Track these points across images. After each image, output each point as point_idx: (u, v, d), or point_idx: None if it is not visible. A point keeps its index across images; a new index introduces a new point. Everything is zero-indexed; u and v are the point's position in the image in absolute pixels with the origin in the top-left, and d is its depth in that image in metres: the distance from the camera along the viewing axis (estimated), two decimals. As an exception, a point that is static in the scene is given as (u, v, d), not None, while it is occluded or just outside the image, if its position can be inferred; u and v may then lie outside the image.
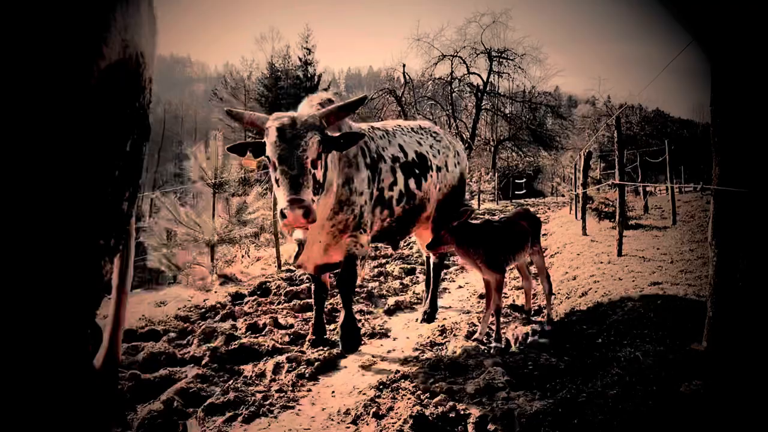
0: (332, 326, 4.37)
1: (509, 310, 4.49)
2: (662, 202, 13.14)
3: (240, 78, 34.78)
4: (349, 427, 2.64)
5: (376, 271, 6.76)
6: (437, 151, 4.53)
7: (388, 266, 7.10)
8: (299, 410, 2.91)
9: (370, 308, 5.11)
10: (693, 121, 30.66)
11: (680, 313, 3.31)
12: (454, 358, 3.38)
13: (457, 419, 2.49)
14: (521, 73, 28.01)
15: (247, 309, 5.10)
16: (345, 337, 3.79)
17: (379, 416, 2.66)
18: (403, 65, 27.54)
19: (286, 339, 4.07)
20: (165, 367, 3.44)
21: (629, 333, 3.15)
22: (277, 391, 3.12)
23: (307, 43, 34.55)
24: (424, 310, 4.65)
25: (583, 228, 8.65)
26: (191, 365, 3.51)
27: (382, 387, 3.00)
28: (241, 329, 4.35)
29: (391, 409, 2.70)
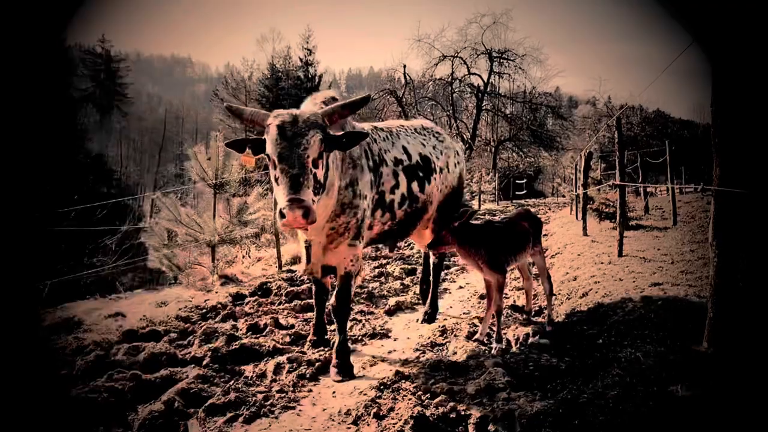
0: (332, 327, 4.37)
1: (510, 311, 4.49)
2: (663, 202, 13.13)
3: (241, 78, 34.81)
4: (350, 428, 2.65)
5: (377, 271, 6.76)
6: (440, 152, 4.48)
7: (388, 267, 7.10)
8: (300, 411, 2.91)
9: (371, 309, 5.11)
10: (694, 122, 30.61)
11: (681, 314, 3.31)
12: (454, 359, 3.38)
13: (458, 420, 2.50)
14: (522, 74, 28.01)
15: (247, 309, 5.11)
16: (340, 364, 3.46)
17: (379, 417, 2.66)
18: (404, 66, 27.54)
19: (287, 339, 4.07)
20: (166, 367, 3.45)
21: (630, 334, 3.15)
22: (278, 392, 3.13)
23: (307, 43, 34.60)
24: (425, 311, 4.65)
25: (584, 228, 8.65)
26: (192, 366, 3.52)
27: (382, 387, 3.00)
28: (241, 330, 4.36)
29: (392, 409, 2.70)
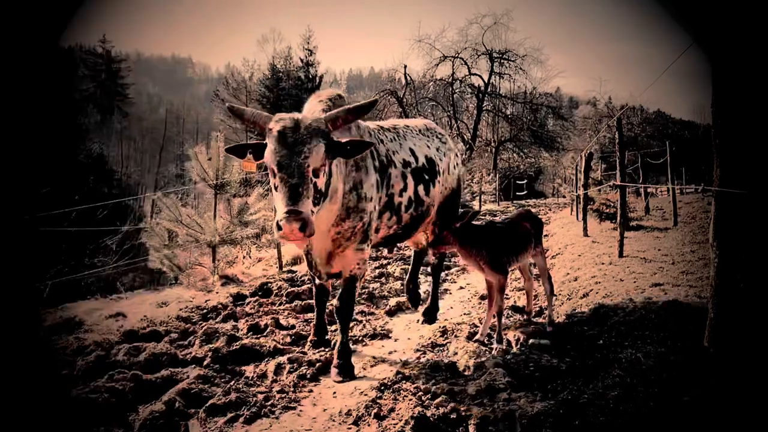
0: (333, 327, 4.37)
1: (511, 311, 4.49)
2: (663, 203, 13.13)
3: (241, 79, 34.90)
4: (350, 428, 2.65)
5: (377, 272, 6.76)
6: (443, 154, 4.43)
7: (389, 267, 7.10)
8: (300, 411, 2.91)
9: (372, 309, 5.11)
10: (694, 123, 30.64)
11: (681, 315, 3.31)
12: (455, 360, 3.38)
13: (459, 420, 2.50)
14: (522, 75, 28.02)
15: (248, 310, 5.11)
16: (341, 364, 3.42)
17: (380, 417, 2.66)
18: (405, 66, 27.55)
19: (288, 340, 4.08)
20: (167, 367, 3.45)
21: (630, 334, 3.15)
22: (279, 392, 3.13)
23: (308, 44, 34.71)
24: (425, 311, 4.64)
25: (584, 229, 8.65)
26: (193, 366, 3.52)
27: (383, 388, 3.00)
28: (242, 330, 4.36)
29: (393, 410, 2.70)
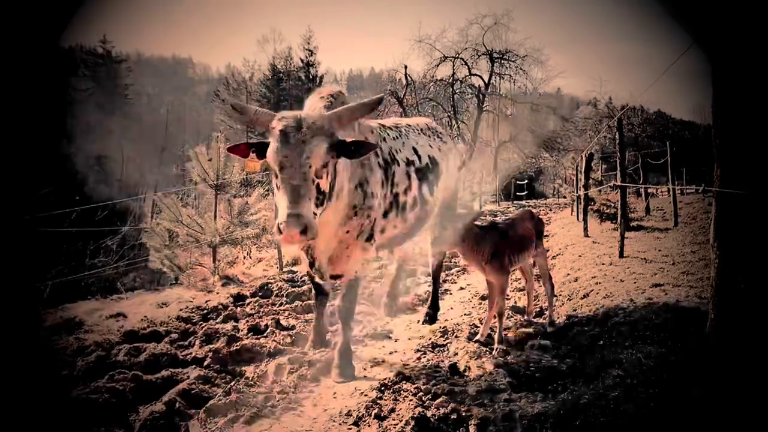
0: (333, 328, 4.37)
1: (511, 312, 4.49)
2: (664, 203, 13.12)
3: (242, 79, 34.91)
4: (350, 429, 2.64)
5: (378, 272, 6.76)
6: (444, 154, 4.39)
7: (390, 267, 7.09)
8: (301, 411, 2.91)
9: (372, 310, 5.11)
10: (694, 123, 30.59)
11: (682, 315, 3.31)
12: (455, 360, 3.38)
13: (459, 421, 2.49)
14: (523, 75, 27.99)
15: (248, 310, 5.11)
16: (341, 365, 3.39)
17: (380, 418, 2.66)
18: (405, 67, 27.48)
19: (288, 340, 4.07)
20: (167, 368, 3.45)
21: (631, 335, 3.15)
22: (279, 393, 3.13)
23: (308, 44, 34.70)
24: (426, 311, 4.64)
25: (585, 229, 8.65)
26: (193, 366, 3.52)
27: (383, 388, 3.00)
28: (242, 330, 4.36)
29: (393, 410, 2.70)
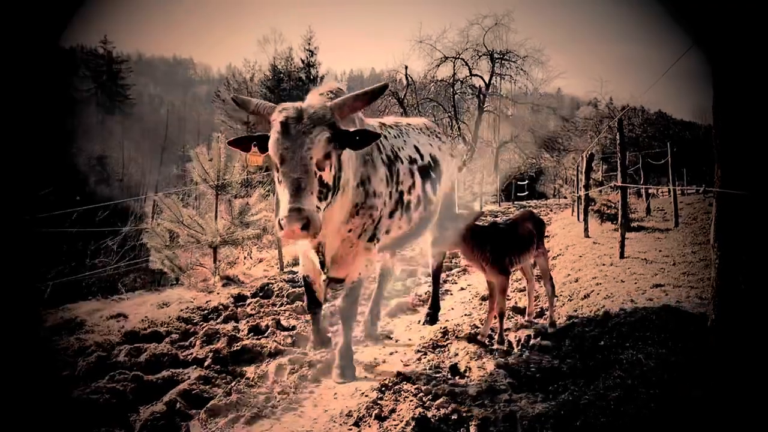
0: (333, 328, 4.37)
1: (512, 313, 4.48)
2: (664, 204, 13.11)
3: (242, 80, 34.95)
4: (351, 429, 2.64)
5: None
6: (444, 154, 4.37)
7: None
8: (301, 412, 2.91)
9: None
10: (695, 123, 30.55)
11: (683, 316, 3.31)
12: (456, 361, 3.38)
13: (460, 421, 2.49)
14: (523, 75, 27.98)
15: (249, 311, 5.12)
16: (342, 366, 3.35)
17: (381, 418, 2.66)
18: (406, 67, 27.46)
19: (289, 341, 4.08)
20: (167, 368, 3.45)
21: (631, 335, 3.14)
22: (280, 393, 3.13)
23: (309, 44, 34.81)
24: (427, 312, 4.64)
25: (585, 230, 8.65)
26: (194, 367, 3.52)
27: (384, 389, 3.00)
28: (243, 331, 4.36)
29: (394, 411, 2.70)
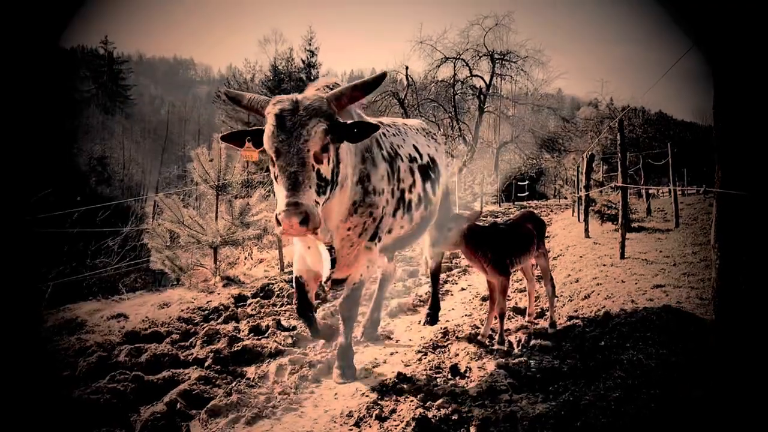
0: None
1: (512, 313, 4.48)
2: (665, 204, 13.11)
3: (243, 80, 34.94)
4: (351, 430, 2.64)
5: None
6: (440, 155, 4.35)
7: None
8: (302, 412, 2.91)
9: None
10: (696, 124, 30.55)
11: (683, 316, 3.31)
12: (456, 361, 3.38)
13: (460, 422, 2.49)
14: (524, 76, 27.99)
15: (249, 311, 5.12)
16: (342, 366, 3.33)
17: (381, 419, 2.66)
18: (406, 68, 27.49)
19: (289, 341, 4.08)
20: (168, 368, 3.45)
21: (632, 336, 3.14)
22: (280, 393, 3.13)
23: (310, 45, 34.82)
24: (427, 312, 4.64)
25: (586, 230, 8.64)
26: (194, 367, 3.52)
27: (384, 389, 3.00)
28: (243, 331, 4.37)
29: (394, 411, 2.70)
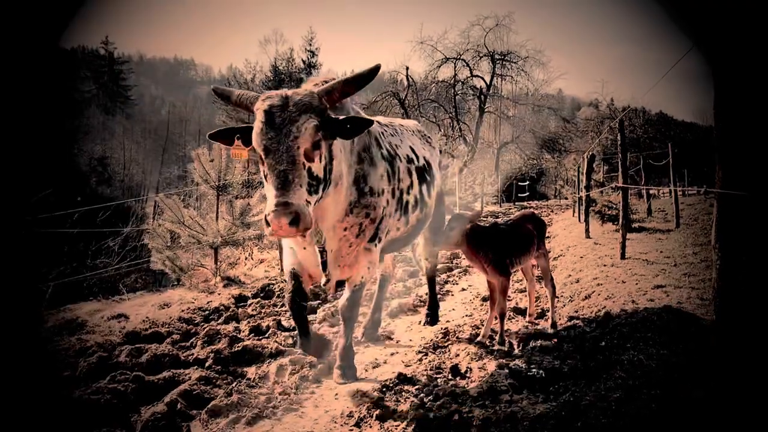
0: (334, 329, 4.37)
1: (513, 313, 4.48)
2: (665, 205, 13.11)
3: (243, 80, 34.87)
4: (352, 430, 2.64)
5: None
6: (434, 158, 4.28)
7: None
8: (302, 413, 2.91)
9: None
10: (696, 124, 30.58)
11: (684, 317, 3.31)
12: (457, 361, 3.38)
13: (460, 422, 2.49)
14: (524, 76, 27.98)
15: (250, 311, 5.12)
16: (343, 366, 3.32)
17: (382, 419, 2.66)
18: (407, 68, 27.46)
19: (290, 341, 4.08)
20: (168, 369, 3.45)
21: (632, 336, 3.14)
22: (281, 394, 3.13)
23: (310, 45, 34.77)
24: (426, 313, 4.64)
25: (587, 231, 8.64)
26: (195, 367, 3.52)
27: (385, 390, 3.00)
28: (244, 331, 4.37)
29: (395, 411, 2.70)
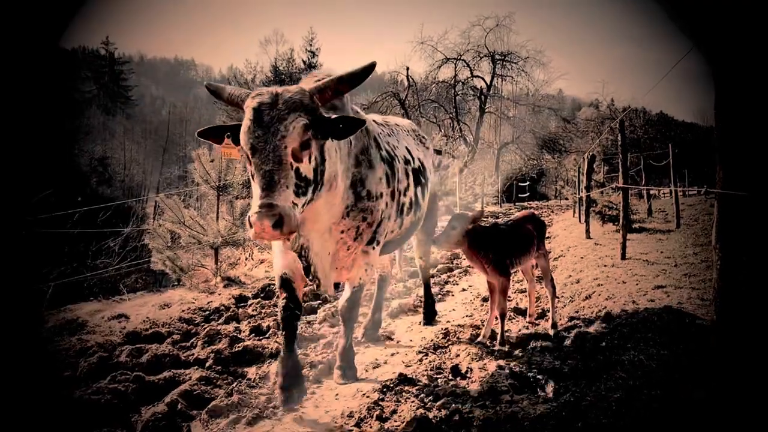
0: (335, 329, 4.37)
1: (513, 314, 4.48)
2: (666, 205, 13.11)
3: (244, 81, 34.91)
4: (352, 430, 2.64)
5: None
6: (428, 160, 4.22)
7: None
8: (303, 413, 2.91)
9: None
10: (697, 125, 30.59)
11: (684, 317, 3.31)
12: (457, 361, 3.38)
13: (461, 422, 2.49)
14: (525, 77, 28.00)
15: (250, 311, 5.12)
16: (343, 367, 3.32)
17: (382, 419, 2.66)
18: (407, 68, 27.50)
19: (290, 341, 4.07)
20: (169, 369, 3.46)
21: (633, 336, 3.14)
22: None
23: (311, 46, 34.83)
24: (424, 313, 4.63)
25: (587, 231, 8.64)
26: (195, 367, 3.52)
27: (385, 390, 3.00)
28: (244, 332, 4.37)
29: (395, 412, 2.70)
